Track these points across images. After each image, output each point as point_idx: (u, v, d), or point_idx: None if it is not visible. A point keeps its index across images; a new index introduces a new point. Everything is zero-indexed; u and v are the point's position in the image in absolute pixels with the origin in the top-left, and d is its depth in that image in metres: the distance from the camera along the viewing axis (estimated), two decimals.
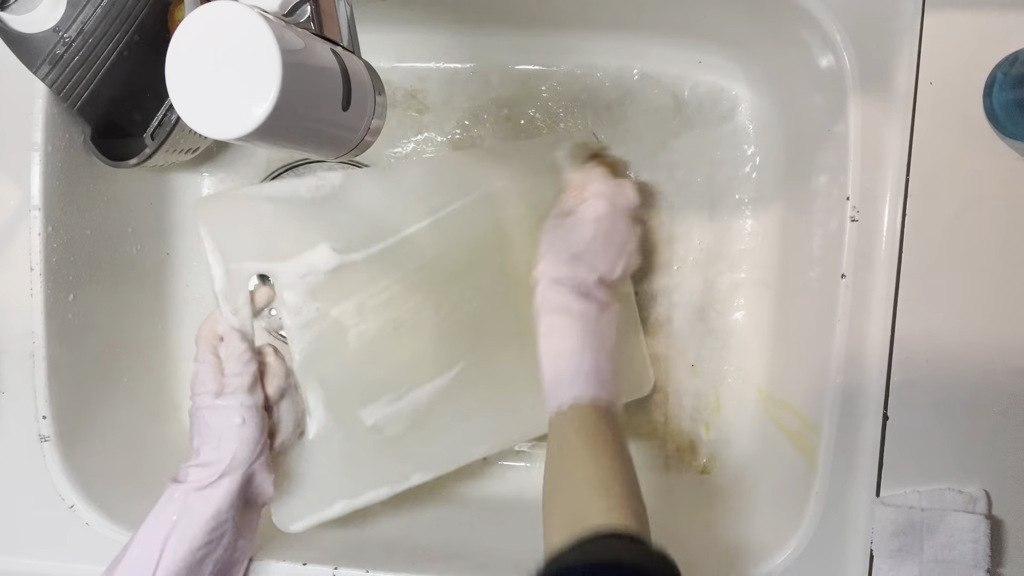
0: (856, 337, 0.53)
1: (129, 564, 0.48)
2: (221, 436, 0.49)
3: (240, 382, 0.51)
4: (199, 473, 0.49)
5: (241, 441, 0.49)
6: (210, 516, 0.48)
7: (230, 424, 0.49)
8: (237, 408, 0.50)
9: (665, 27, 0.67)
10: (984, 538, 0.51)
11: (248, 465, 0.50)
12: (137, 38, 0.56)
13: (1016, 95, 0.49)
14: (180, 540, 0.48)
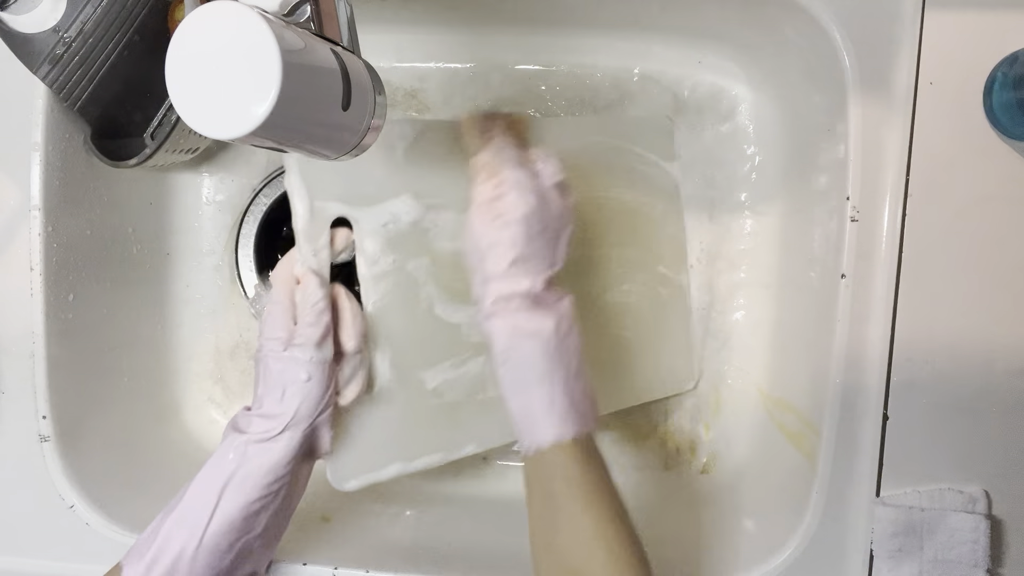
0: (856, 337, 0.53)
1: (185, 509, 0.47)
2: (285, 389, 0.48)
3: (311, 334, 0.48)
4: (261, 424, 0.48)
5: (306, 397, 0.48)
6: (268, 469, 0.47)
7: (296, 379, 0.48)
8: (305, 363, 0.48)
9: (665, 27, 0.67)
10: (984, 538, 0.51)
11: (310, 421, 0.48)
12: (137, 38, 0.56)
13: (1016, 95, 0.49)
14: (238, 490, 0.47)
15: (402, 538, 0.62)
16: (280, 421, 0.48)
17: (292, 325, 0.49)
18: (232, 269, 0.74)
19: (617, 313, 0.66)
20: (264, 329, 0.50)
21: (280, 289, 0.51)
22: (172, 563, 0.46)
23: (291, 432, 0.48)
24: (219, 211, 0.74)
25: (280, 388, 0.48)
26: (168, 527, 0.47)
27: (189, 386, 0.74)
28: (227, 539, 0.47)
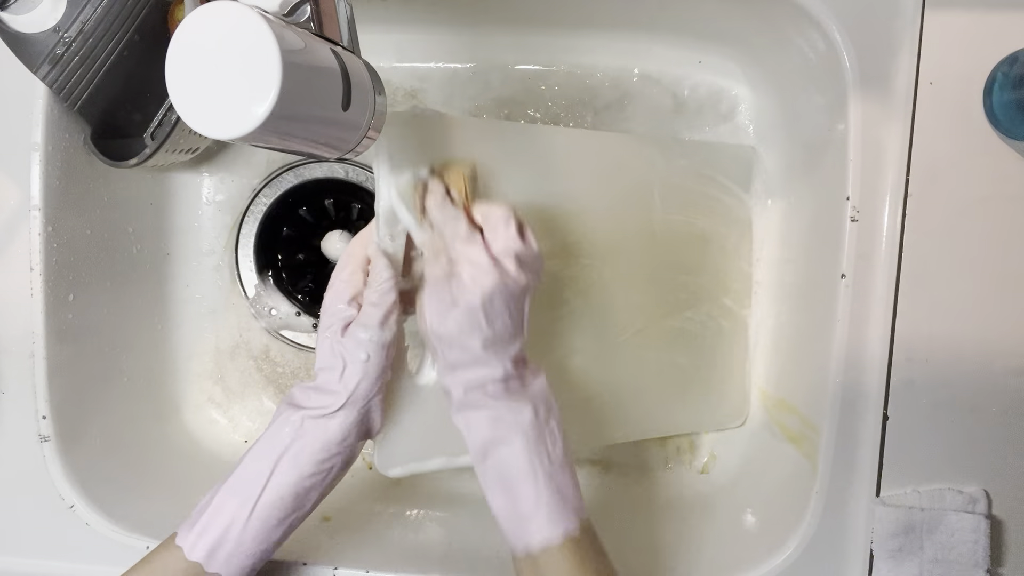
0: (856, 337, 0.53)
1: (237, 480, 0.47)
2: (345, 367, 0.47)
3: (374, 314, 0.47)
4: (318, 400, 0.47)
5: (364, 376, 0.47)
6: (323, 445, 0.47)
7: (355, 358, 0.47)
8: (365, 343, 0.47)
9: (665, 27, 0.67)
10: (984, 538, 0.51)
11: (366, 401, 0.48)
12: (137, 38, 0.56)
13: (1016, 95, 0.49)
14: (291, 464, 0.47)
15: (402, 538, 0.62)
16: (338, 398, 0.47)
17: (357, 304, 0.49)
18: (232, 269, 0.74)
19: (676, 339, 0.65)
20: (327, 304, 0.49)
21: (349, 265, 0.50)
22: (222, 533, 0.46)
23: (347, 411, 0.47)
24: (219, 211, 0.74)
25: (340, 366, 0.47)
26: (221, 497, 0.47)
27: (189, 386, 0.74)
28: (277, 514, 0.47)
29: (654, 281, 0.63)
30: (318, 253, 0.73)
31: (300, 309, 0.73)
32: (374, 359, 0.47)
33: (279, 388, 0.74)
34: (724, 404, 0.68)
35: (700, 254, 0.66)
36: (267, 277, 0.74)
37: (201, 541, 0.46)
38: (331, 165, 0.72)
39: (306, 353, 0.74)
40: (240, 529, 0.46)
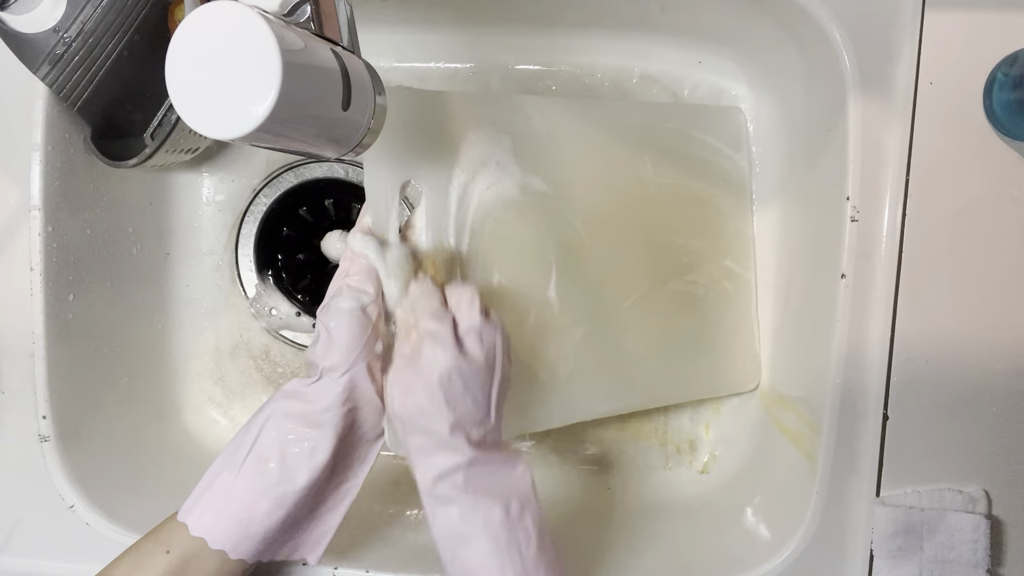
0: (856, 337, 0.53)
1: (230, 444, 0.48)
2: (320, 336, 0.47)
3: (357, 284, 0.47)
4: (303, 381, 0.47)
5: (350, 337, 0.46)
6: (303, 410, 0.46)
7: (327, 326, 0.46)
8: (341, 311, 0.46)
9: (665, 27, 0.67)
10: (984, 538, 0.51)
11: (348, 367, 0.46)
12: (137, 38, 0.56)
13: (1016, 95, 0.49)
14: (274, 425, 0.46)
15: (402, 538, 0.62)
16: (315, 367, 0.47)
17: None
18: (232, 269, 0.74)
19: (680, 304, 0.65)
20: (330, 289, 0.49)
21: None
22: (216, 493, 0.46)
23: (327, 377, 0.46)
24: (219, 211, 0.74)
25: (318, 335, 0.47)
26: (216, 462, 0.48)
27: (189, 386, 0.73)
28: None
29: (653, 246, 0.63)
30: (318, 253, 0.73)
31: (300, 309, 0.73)
32: (347, 324, 0.46)
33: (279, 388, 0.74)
34: (735, 368, 0.67)
35: (697, 217, 0.66)
36: (267, 277, 0.74)
37: (197, 505, 0.47)
38: (331, 165, 0.72)
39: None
40: (229, 488, 0.46)
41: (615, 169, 0.61)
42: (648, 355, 0.61)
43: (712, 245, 0.66)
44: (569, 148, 0.60)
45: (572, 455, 0.71)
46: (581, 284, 0.59)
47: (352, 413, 0.47)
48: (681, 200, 0.65)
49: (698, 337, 0.66)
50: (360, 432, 0.49)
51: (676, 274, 0.65)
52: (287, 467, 0.46)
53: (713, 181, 0.67)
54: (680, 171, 0.65)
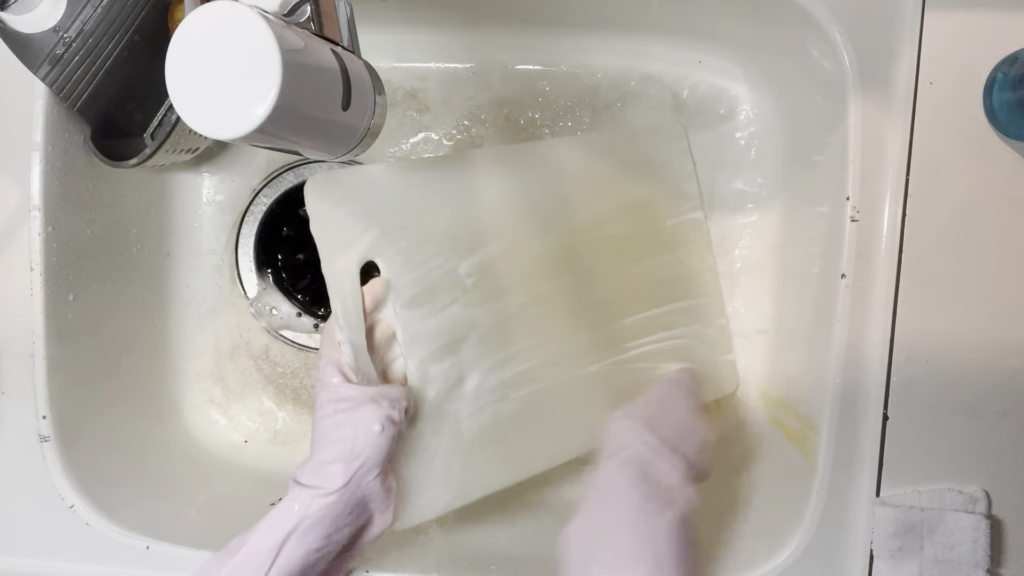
0: (856, 337, 0.53)
1: (247, 556, 0.47)
2: (355, 442, 0.48)
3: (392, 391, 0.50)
4: (324, 478, 0.48)
5: (373, 449, 0.48)
6: (330, 522, 0.48)
7: (368, 431, 0.48)
8: (376, 415, 0.49)
9: (665, 27, 0.67)
10: (984, 538, 0.51)
11: (376, 475, 0.49)
12: (137, 38, 0.56)
13: (1016, 95, 0.49)
14: (300, 541, 0.47)
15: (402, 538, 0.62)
16: (345, 476, 0.48)
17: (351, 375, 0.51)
18: (232, 269, 0.74)
19: (652, 327, 0.66)
20: (323, 376, 0.51)
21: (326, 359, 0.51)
22: None
23: (352, 487, 0.48)
24: (219, 211, 0.74)
25: (351, 438, 0.49)
26: (227, 573, 0.47)
27: (189, 386, 0.73)
28: None
29: (615, 280, 0.64)
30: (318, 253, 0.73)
31: (300, 309, 0.73)
32: (387, 430, 0.49)
33: (279, 388, 0.74)
34: (713, 375, 0.68)
35: (655, 242, 0.67)
36: (267, 277, 0.74)
37: None
38: (331, 165, 0.72)
39: (306, 353, 0.74)
40: None
41: (567, 210, 0.62)
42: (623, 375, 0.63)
43: (673, 267, 0.67)
44: (506, 199, 0.60)
45: None
46: (553, 329, 0.61)
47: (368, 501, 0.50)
48: (636, 230, 0.66)
49: (672, 352, 0.66)
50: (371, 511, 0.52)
51: (643, 300, 0.65)
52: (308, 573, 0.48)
53: (665, 203, 0.68)
54: (629, 199, 0.65)
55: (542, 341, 0.60)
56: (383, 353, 0.55)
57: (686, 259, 0.68)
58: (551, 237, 0.61)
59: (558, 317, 0.61)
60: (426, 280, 0.55)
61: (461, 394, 0.57)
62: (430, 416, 0.55)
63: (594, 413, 0.60)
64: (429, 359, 0.55)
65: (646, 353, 0.65)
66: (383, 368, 0.55)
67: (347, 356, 0.51)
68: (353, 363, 0.51)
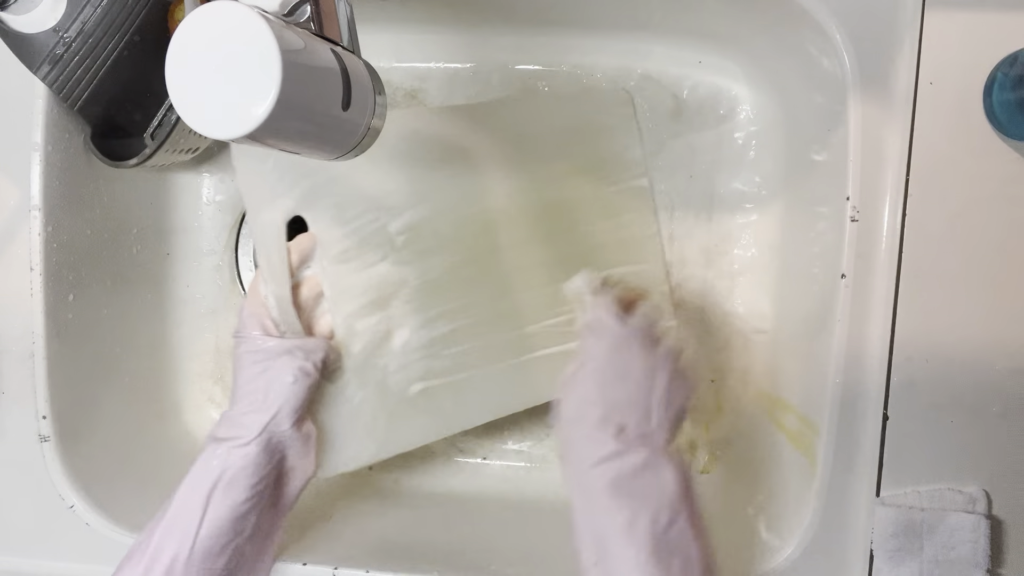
0: (856, 337, 0.53)
1: (174, 517, 0.48)
2: (268, 393, 0.49)
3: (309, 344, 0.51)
4: (240, 428, 0.49)
5: (286, 399, 0.49)
6: (253, 470, 0.48)
7: (281, 381, 0.49)
8: (289, 366, 0.50)
9: (665, 27, 0.67)
10: (984, 538, 0.51)
11: (291, 424, 0.50)
12: (137, 38, 0.56)
13: (1016, 95, 0.49)
14: (225, 493, 0.48)
15: (402, 538, 0.62)
16: (259, 424, 0.49)
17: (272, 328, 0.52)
18: (232, 269, 0.74)
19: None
20: (243, 328, 0.52)
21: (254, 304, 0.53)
22: (166, 571, 0.47)
23: (266, 434, 0.49)
24: (219, 211, 0.74)
25: (263, 391, 0.50)
26: (159, 536, 0.48)
27: (189, 386, 0.73)
28: (218, 542, 0.48)
29: (557, 243, 0.64)
30: None
31: None
32: (300, 382, 0.50)
33: None
34: None
35: (599, 212, 0.67)
36: None
37: None
38: None
39: None
40: (184, 564, 0.47)
41: (508, 172, 0.63)
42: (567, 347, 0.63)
43: (615, 232, 0.67)
44: (467, 155, 0.61)
45: None
46: (487, 289, 0.61)
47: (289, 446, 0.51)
48: (578, 194, 0.66)
49: None
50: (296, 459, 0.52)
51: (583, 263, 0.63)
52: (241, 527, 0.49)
53: (608, 169, 0.68)
54: (572, 163, 0.66)
55: (475, 301, 0.60)
56: (311, 308, 0.55)
57: (629, 225, 0.68)
58: (490, 198, 0.61)
59: (493, 278, 0.61)
60: (355, 236, 0.56)
61: (388, 349, 0.57)
62: (355, 370, 0.56)
63: (527, 373, 0.62)
64: (356, 314, 0.56)
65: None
66: (309, 323, 0.55)
67: (272, 310, 0.52)
68: (277, 316, 0.52)
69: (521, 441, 0.72)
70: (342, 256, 0.55)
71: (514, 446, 0.72)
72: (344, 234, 0.55)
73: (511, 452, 0.72)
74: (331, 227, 0.55)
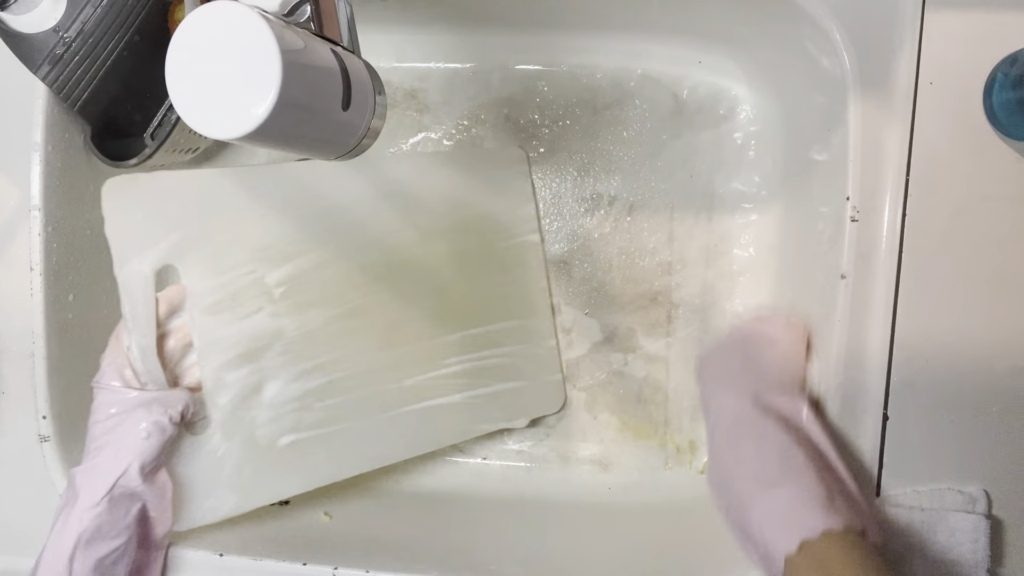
0: (856, 337, 0.53)
1: None
2: (120, 448, 0.49)
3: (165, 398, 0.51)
4: (95, 484, 0.48)
5: (137, 454, 0.49)
6: (107, 528, 0.48)
7: (134, 435, 0.49)
8: (144, 420, 0.49)
9: (665, 27, 0.67)
10: (984, 538, 0.51)
11: (143, 479, 0.49)
12: (137, 38, 0.56)
13: (1016, 95, 0.49)
14: (86, 553, 0.47)
15: (402, 538, 0.62)
16: (107, 481, 0.48)
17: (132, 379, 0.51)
18: None
19: (479, 344, 0.67)
20: (102, 377, 0.51)
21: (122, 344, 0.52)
22: None
23: (119, 492, 0.48)
24: None
25: (115, 445, 0.49)
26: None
27: None
28: None
29: (442, 295, 0.65)
30: None
31: None
32: (154, 436, 0.49)
33: None
34: (540, 392, 0.69)
35: (490, 267, 0.68)
36: None
37: None
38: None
39: None
40: None
41: (398, 226, 0.63)
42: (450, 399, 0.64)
43: (505, 287, 0.68)
44: (355, 207, 0.61)
45: (572, 455, 0.72)
46: (368, 341, 0.61)
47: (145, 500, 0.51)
48: (469, 249, 0.67)
49: (497, 369, 0.67)
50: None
51: (470, 319, 0.66)
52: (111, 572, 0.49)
53: (501, 224, 0.68)
54: (464, 218, 0.66)
55: (354, 353, 0.60)
56: (178, 359, 0.55)
57: (519, 280, 0.69)
58: (376, 251, 0.62)
59: (375, 330, 0.61)
60: (229, 288, 0.55)
61: (258, 401, 0.57)
62: (222, 422, 0.55)
63: (404, 425, 0.62)
64: (225, 366, 0.55)
65: (468, 370, 0.66)
66: (176, 374, 0.55)
67: (135, 360, 0.51)
68: (140, 367, 0.51)
69: (521, 441, 0.72)
70: (214, 307, 0.55)
71: (514, 446, 0.72)
72: (217, 285, 0.55)
73: (511, 452, 0.72)
74: (203, 278, 0.54)
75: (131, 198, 0.52)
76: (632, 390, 0.71)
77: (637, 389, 0.71)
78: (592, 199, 0.71)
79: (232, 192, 0.56)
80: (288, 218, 0.58)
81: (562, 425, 0.72)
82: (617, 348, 0.71)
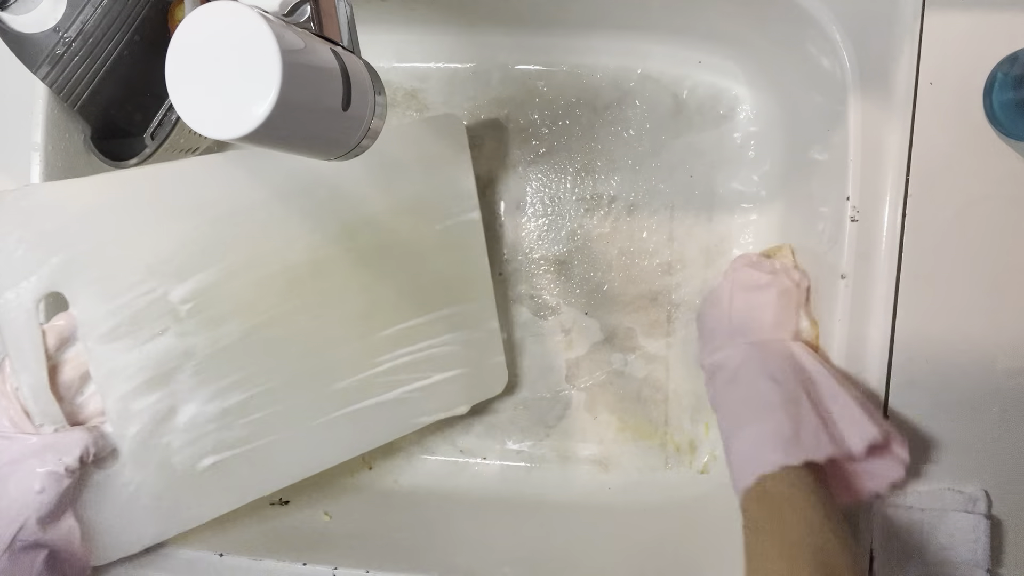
0: (856, 337, 0.53)
1: None
2: (12, 504, 0.45)
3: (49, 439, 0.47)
4: None
5: (33, 509, 0.46)
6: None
7: (26, 490, 0.46)
8: (37, 472, 0.46)
9: (665, 27, 0.67)
10: (984, 538, 0.51)
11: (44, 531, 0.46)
12: (137, 38, 0.56)
13: (1016, 95, 0.49)
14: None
15: (402, 538, 0.62)
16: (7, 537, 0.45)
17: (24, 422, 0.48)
18: None
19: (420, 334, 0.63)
20: None
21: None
22: None
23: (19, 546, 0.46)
24: None
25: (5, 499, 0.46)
26: None
27: None
28: None
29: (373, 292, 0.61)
30: None
31: None
32: (49, 490, 0.46)
33: None
34: (482, 376, 0.67)
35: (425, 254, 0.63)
36: None
37: None
38: None
39: None
40: None
41: (319, 220, 0.58)
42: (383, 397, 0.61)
43: (442, 272, 0.64)
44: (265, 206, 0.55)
45: (572, 455, 0.72)
46: (291, 350, 0.57)
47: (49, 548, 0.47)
48: (401, 236, 0.62)
49: (435, 360, 0.64)
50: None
51: (403, 313, 0.62)
52: None
53: (438, 204, 0.63)
54: (396, 202, 0.61)
55: (276, 364, 0.57)
56: (76, 390, 0.51)
57: (457, 263, 0.64)
58: (296, 251, 0.57)
59: (299, 337, 0.57)
60: (126, 311, 0.51)
61: (173, 427, 0.53)
62: (132, 453, 0.52)
63: (337, 429, 0.59)
64: (131, 394, 0.51)
65: (403, 364, 0.62)
66: (74, 407, 0.51)
67: (26, 401, 0.48)
68: (33, 408, 0.48)
69: (521, 441, 0.72)
70: (111, 334, 0.50)
71: (514, 446, 0.72)
72: (113, 309, 0.50)
73: (511, 452, 0.72)
74: (96, 303, 0.50)
75: (1, 223, 0.47)
76: (632, 390, 0.71)
77: (637, 389, 0.71)
78: (592, 199, 0.71)
79: (120, 201, 0.51)
80: (189, 224, 0.53)
81: (562, 425, 0.72)
82: (617, 348, 0.71)
